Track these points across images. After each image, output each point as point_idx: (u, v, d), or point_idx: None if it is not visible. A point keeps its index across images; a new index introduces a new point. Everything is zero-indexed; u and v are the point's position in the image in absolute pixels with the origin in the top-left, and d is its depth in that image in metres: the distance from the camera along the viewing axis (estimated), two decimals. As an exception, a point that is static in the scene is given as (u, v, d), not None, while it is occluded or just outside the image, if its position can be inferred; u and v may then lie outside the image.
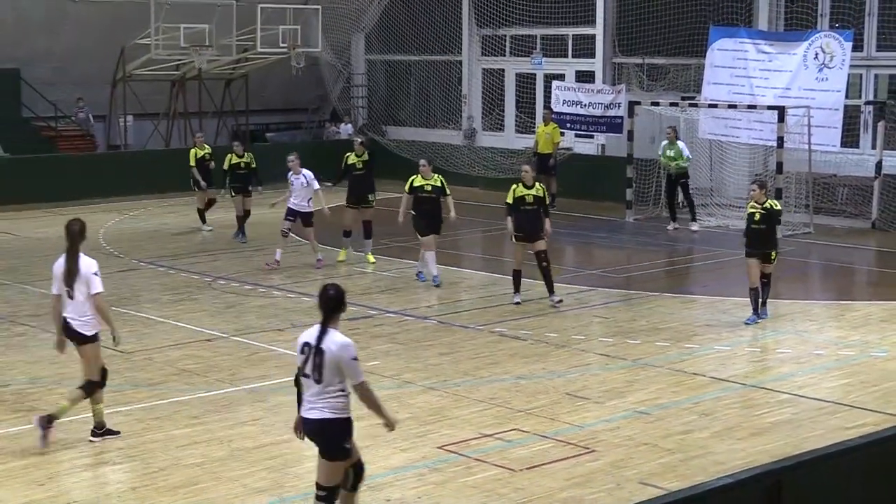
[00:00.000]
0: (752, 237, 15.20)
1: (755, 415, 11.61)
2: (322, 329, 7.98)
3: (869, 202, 23.27)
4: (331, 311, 8.01)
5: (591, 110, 26.80)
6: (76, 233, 10.65)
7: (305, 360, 8.00)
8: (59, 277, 10.59)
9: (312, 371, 7.96)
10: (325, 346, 7.93)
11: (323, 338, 7.94)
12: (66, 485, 9.81)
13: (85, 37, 29.12)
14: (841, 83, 22.85)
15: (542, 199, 16.29)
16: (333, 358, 7.93)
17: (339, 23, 32.04)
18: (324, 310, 8.01)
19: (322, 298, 8.05)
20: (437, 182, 17.49)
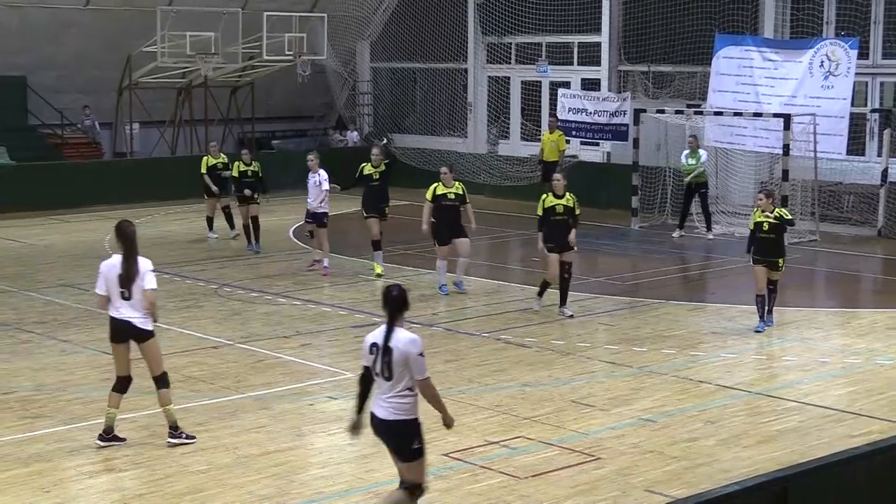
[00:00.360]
0: (760, 246, 15.08)
1: (761, 422, 11.59)
2: (388, 328, 8.22)
3: (875, 210, 23.25)
4: (395, 311, 8.27)
5: (597, 118, 26.81)
6: (132, 234, 10.72)
7: (375, 359, 8.25)
8: (109, 278, 10.66)
9: (382, 369, 8.22)
10: (393, 344, 8.18)
11: (390, 336, 8.18)
12: (72, 492, 9.81)
13: (91, 44, 29.18)
14: (847, 91, 22.84)
15: (573, 209, 15.97)
16: (401, 354, 8.18)
17: (344, 30, 32.10)
18: (389, 310, 8.27)
19: (387, 299, 8.30)
20: (458, 190, 17.29)
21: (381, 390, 8.29)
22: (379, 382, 8.29)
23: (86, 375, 13.24)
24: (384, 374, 8.21)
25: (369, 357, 8.30)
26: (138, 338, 10.73)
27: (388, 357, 8.18)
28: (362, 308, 16.69)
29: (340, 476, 10.13)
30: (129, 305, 10.62)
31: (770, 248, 15.08)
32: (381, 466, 10.31)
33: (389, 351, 8.17)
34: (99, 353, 14.18)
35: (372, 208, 18.79)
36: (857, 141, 23.73)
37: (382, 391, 8.28)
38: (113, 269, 10.68)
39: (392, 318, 8.26)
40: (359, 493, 9.72)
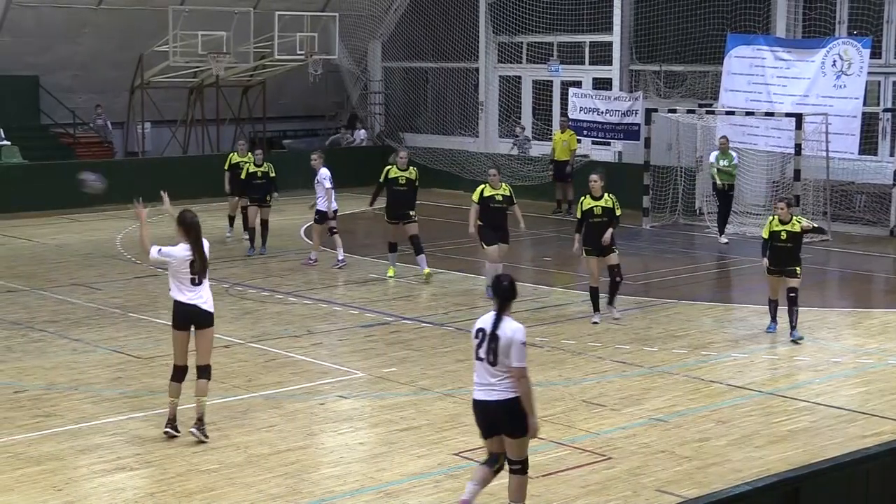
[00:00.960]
0: (776, 255, 14.68)
1: (773, 422, 11.57)
2: (497, 316, 8.59)
3: (887, 210, 23.19)
4: (505, 300, 8.66)
5: (608, 117, 26.79)
6: (198, 224, 11.07)
7: (479, 343, 8.62)
8: (177, 264, 10.90)
9: (487, 354, 8.57)
10: (501, 332, 8.55)
11: (498, 324, 8.56)
12: (83, 490, 9.84)
13: (103, 44, 29.25)
14: (859, 90, 22.79)
15: (612, 210, 15.64)
16: (507, 342, 8.54)
17: (356, 30, 32.12)
18: (499, 299, 8.66)
19: (498, 289, 8.73)
20: (506, 191, 16.81)
21: (485, 374, 8.64)
22: (483, 368, 8.64)
23: (97, 374, 13.27)
24: (489, 358, 8.58)
25: (474, 341, 8.68)
26: (203, 322, 10.91)
27: (494, 343, 8.55)
28: (373, 307, 16.70)
29: (351, 475, 10.14)
30: (197, 291, 10.88)
31: (786, 258, 14.71)
32: (392, 466, 10.33)
33: (496, 338, 8.55)
34: (111, 352, 14.23)
35: (394, 215, 18.56)
36: (869, 140, 23.68)
37: (487, 376, 8.63)
38: (182, 254, 10.90)
39: (501, 308, 8.63)
40: (369, 492, 9.72)
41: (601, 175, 16.00)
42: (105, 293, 17.75)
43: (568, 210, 26.23)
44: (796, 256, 14.85)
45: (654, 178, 25.08)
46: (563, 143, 26.47)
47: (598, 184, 15.71)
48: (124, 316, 16.17)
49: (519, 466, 8.87)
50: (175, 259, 10.93)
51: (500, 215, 16.80)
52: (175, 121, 30.85)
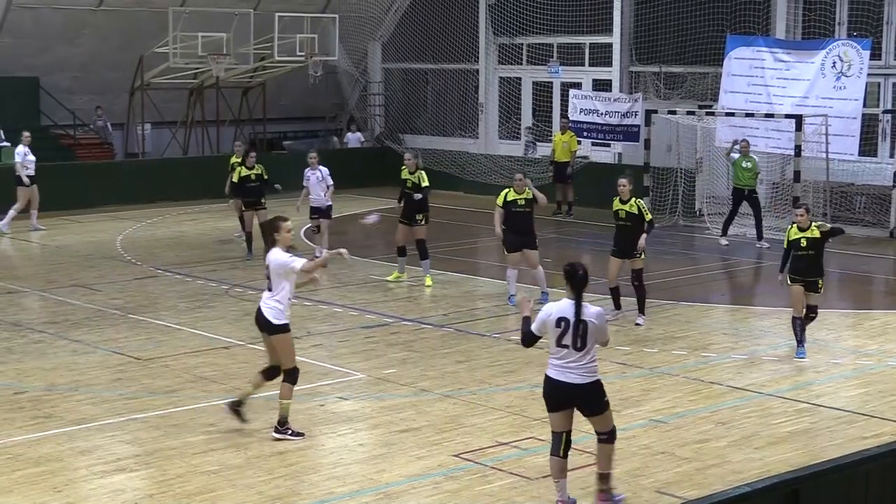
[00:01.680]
0: (797, 265, 14.03)
1: (772, 424, 11.57)
2: (577, 304, 9.07)
3: (887, 211, 23.19)
4: (582, 289, 9.12)
5: (608, 119, 26.80)
6: (270, 230, 11.16)
7: (563, 332, 9.08)
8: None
9: (574, 340, 9.07)
10: (587, 318, 9.08)
11: (581, 311, 9.05)
12: (83, 492, 9.84)
13: (104, 46, 29.26)
14: (859, 92, 22.79)
15: (639, 215, 15.47)
16: (595, 327, 9.10)
17: (356, 31, 32.13)
18: (577, 287, 9.12)
19: (574, 278, 9.14)
20: (529, 195, 16.62)
21: (569, 359, 9.12)
22: (567, 353, 9.10)
23: (97, 376, 13.28)
24: (576, 344, 9.08)
25: (555, 330, 9.11)
26: (265, 329, 11.04)
27: (582, 329, 9.05)
28: (373, 309, 16.70)
29: (351, 477, 10.14)
30: (266, 296, 11.05)
31: (809, 267, 14.02)
32: (392, 467, 10.33)
33: (584, 324, 9.06)
34: (111, 354, 14.23)
35: (402, 216, 18.44)
36: (869, 142, 23.68)
37: (572, 360, 9.11)
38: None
39: (579, 295, 9.10)
40: (369, 493, 9.72)
41: (629, 179, 15.93)
42: (105, 294, 17.75)
43: (568, 211, 26.23)
44: (819, 266, 14.11)
45: (654, 179, 25.07)
46: (563, 144, 26.47)
47: (625, 188, 15.65)
48: (124, 317, 16.17)
49: (606, 436, 9.42)
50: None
51: (522, 219, 16.66)
52: (175, 122, 30.86)
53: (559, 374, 9.18)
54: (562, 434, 9.32)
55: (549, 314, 9.18)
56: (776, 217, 23.59)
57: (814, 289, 14.12)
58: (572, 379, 9.13)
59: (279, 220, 11.18)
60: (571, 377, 9.14)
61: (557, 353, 9.16)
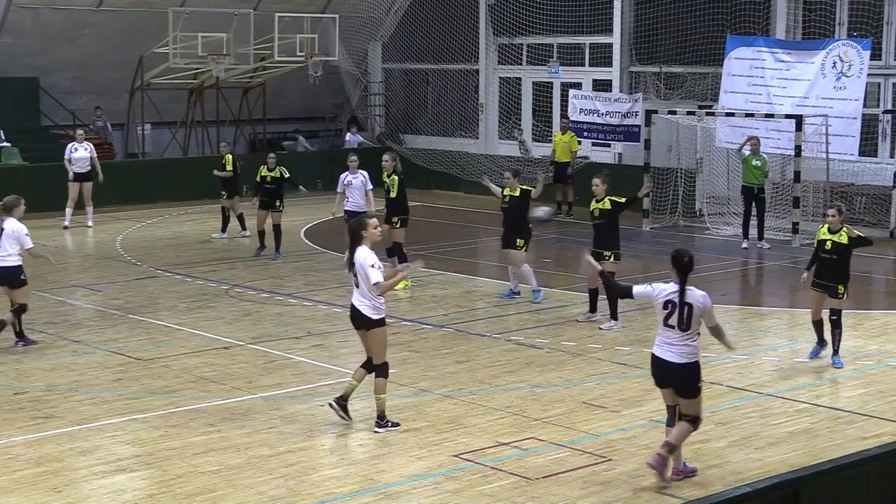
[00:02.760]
0: (821, 268, 13.59)
1: (773, 424, 11.56)
2: (682, 288, 9.70)
3: (887, 211, 23.18)
4: (687, 273, 9.74)
5: (608, 119, 26.79)
6: (358, 228, 11.30)
7: (670, 313, 9.73)
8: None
9: (679, 322, 9.71)
10: (692, 300, 9.70)
11: (685, 294, 9.68)
12: (83, 492, 9.83)
13: (104, 46, 29.26)
14: (859, 92, 22.78)
15: (612, 210, 15.62)
16: (700, 310, 9.72)
17: (356, 31, 32.12)
18: (682, 272, 9.74)
19: (680, 263, 9.77)
20: (515, 192, 16.77)
21: (672, 339, 9.79)
22: (672, 333, 9.78)
23: (97, 376, 13.28)
24: (681, 325, 9.72)
25: (663, 311, 9.77)
26: (363, 325, 11.22)
27: (687, 311, 9.69)
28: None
29: (351, 477, 10.14)
30: (357, 293, 11.20)
31: (829, 272, 13.51)
32: (392, 467, 10.34)
33: (689, 306, 9.69)
34: (111, 354, 14.23)
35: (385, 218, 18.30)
36: (869, 142, 23.67)
37: (673, 339, 9.78)
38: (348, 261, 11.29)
39: (684, 280, 9.71)
40: (369, 493, 9.72)
41: (603, 178, 16.00)
42: (105, 295, 17.75)
43: (568, 212, 26.23)
44: (842, 272, 13.51)
45: (654, 179, 25.06)
46: (563, 144, 26.47)
47: (599, 187, 15.77)
48: (124, 317, 16.17)
49: (690, 419, 9.96)
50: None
51: (506, 217, 16.90)
52: (175, 122, 30.85)
53: (662, 352, 9.88)
54: (674, 407, 10.04)
55: (659, 294, 9.86)
56: (776, 217, 23.58)
57: (834, 294, 13.56)
58: (672, 357, 9.80)
59: (366, 217, 11.51)
60: (671, 356, 9.81)
61: (664, 333, 9.86)
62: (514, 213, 16.83)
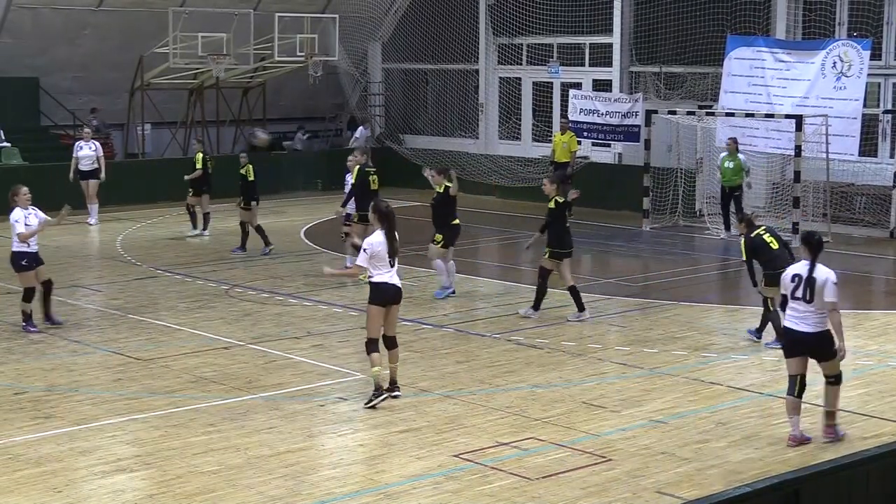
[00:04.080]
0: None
1: (772, 424, 11.56)
2: (812, 264, 10.72)
3: (887, 211, 23.19)
4: (817, 252, 10.82)
5: (608, 119, 26.78)
6: (393, 213, 12.19)
7: (796, 287, 10.74)
8: (376, 252, 11.97)
9: (804, 294, 10.68)
10: (816, 275, 10.69)
11: (813, 270, 10.70)
12: (83, 492, 9.83)
13: (103, 46, 29.26)
14: (859, 92, 22.78)
15: (556, 209, 16.13)
16: (822, 282, 10.63)
17: (356, 31, 32.12)
18: (813, 251, 10.81)
19: (811, 243, 10.88)
20: (440, 188, 17.17)
21: (801, 311, 10.72)
22: (798, 304, 10.73)
23: (97, 376, 13.28)
24: (805, 297, 10.67)
25: (790, 284, 10.78)
26: (399, 300, 12.21)
27: (812, 285, 10.65)
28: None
29: (351, 477, 10.14)
30: (395, 273, 12.12)
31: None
32: (391, 468, 10.34)
33: (814, 281, 10.65)
34: (111, 354, 14.23)
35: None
36: (869, 142, 23.67)
37: (803, 311, 10.71)
38: (380, 244, 11.99)
39: (814, 257, 10.75)
40: (369, 493, 9.72)
41: (550, 179, 16.56)
42: (105, 295, 17.75)
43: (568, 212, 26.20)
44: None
45: (654, 179, 25.09)
46: (563, 144, 26.47)
47: (546, 187, 16.28)
48: (124, 317, 16.17)
49: (833, 379, 10.92)
50: (373, 246, 11.99)
51: (432, 212, 17.41)
52: (175, 122, 30.85)
53: (794, 324, 10.79)
54: (796, 377, 10.80)
55: (787, 272, 10.93)
56: (776, 217, 23.59)
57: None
58: (804, 328, 10.70)
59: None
60: (804, 326, 10.71)
61: (793, 307, 10.79)
62: (434, 209, 17.31)
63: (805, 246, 10.93)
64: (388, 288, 12.07)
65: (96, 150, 24.86)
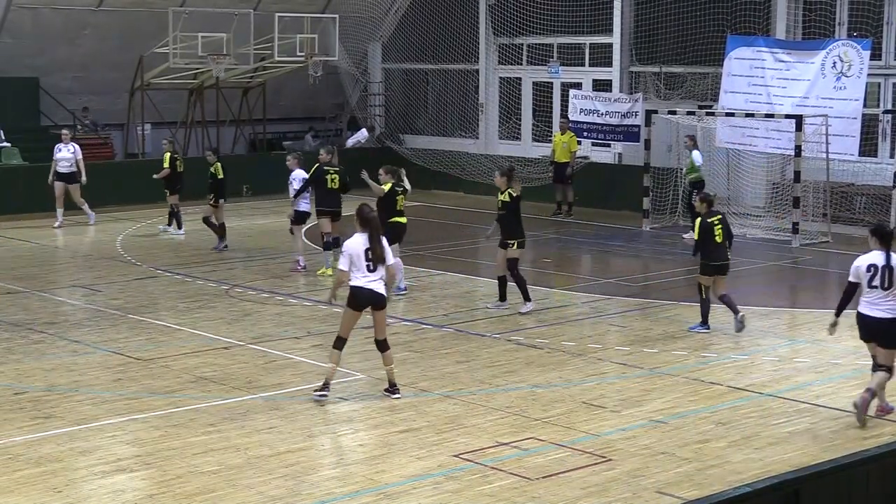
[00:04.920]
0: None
1: (773, 424, 11.57)
2: (887, 254, 11.36)
3: (887, 211, 23.15)
4: (890, 242, 11.46)
5: (608, 119, 26.79)
6: (376, 219, 12.29)
7: (873, 275, 11.36)
8: (357, 256, 12.02)
9: (882, 282, 11.34)
10: (894, 264, 11.32)
11: (890, 259, 11.34)
12: (83, 492, 9.83)
13: (103, 46, 29.25)
14: (859, 92, 22.78)
15: (510, 201, 16.31)
16: None
17: (356, 31, 32.12)
18: (886, 242, 11.44)
19: (883, 234, 11.53)
20: (387, 187, 17.36)
21: (877, 297, 11.39)
22: (874, 292, 11.38)
23: (97, 376, 13.28)
24: (884, 285, 11.33)
25: (866, 274, 11.41)
26: (378, 304, 12.12)
27: (889, 273, 11.29)
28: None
29: (351, 477, 10.14)
30: (374, 277, 12.06)
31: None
32: (391, 468, 10.33)
33: (891, 269, 11.30)
34: (111, 354, 14.23)
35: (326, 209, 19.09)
36: (869, 142, 23.66)
37: (879, 298, 11.39)
38: (361, 246, 12.05)
39: (888, 247, 11.41)
40: (369, 493, 9.72)
41: (500, 172, 16.68)
42: (105, 295, 17.75)
43: (568, 212, 26.24)
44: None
45: (654, 179, 25.08)
46: (563, 144, 26.47)
47: (497, 180, 16.52)
48: (124, 317, 16.17)
49: (887, 368, 11.50)
50: (352, 249, 12.07)
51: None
52: (175, 122, 30.84)
53: (869, 310, 11.45)
54: (874, 356, 11.60)
55: (860, 265, 11.46)
56: (776, 217, 23.60)
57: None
58: (878, 314, 11.38)
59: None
60: (878, 312, 11.38)
61: (868, 294, 11.41)
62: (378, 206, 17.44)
63: (877, 237, 11.53)
64: (363, 292, 12.03)
65: (75, 152, 24.47)
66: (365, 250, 12.00)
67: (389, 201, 17.19)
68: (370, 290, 12.03)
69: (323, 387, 12.17)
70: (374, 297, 12.07)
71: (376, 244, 12.04)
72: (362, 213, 12.20)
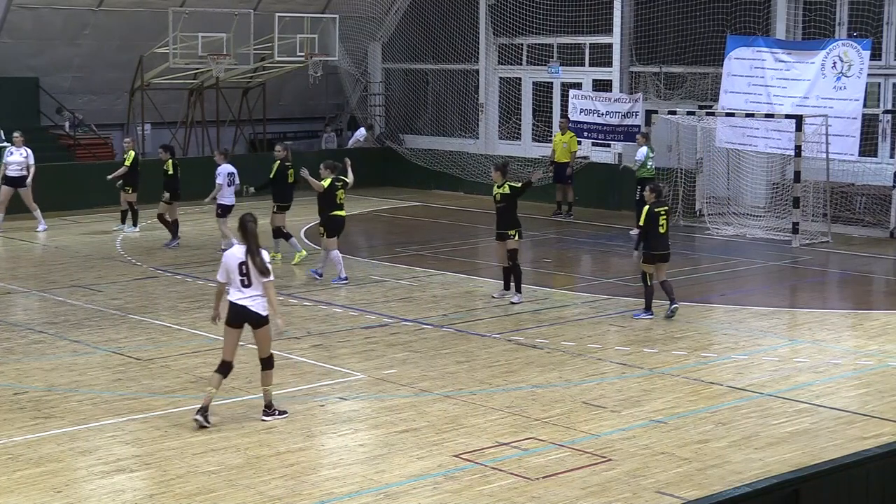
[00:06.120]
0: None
1: (773, 424, 11.57)
2: None
3: (887, 211, 23.18)
4: None
5: (608, 119, 26.79)
6: (255, 230, 11.58)
7: None
8: (231, 268, 11.44)
9: None
10: None
11: None
12: (83, 492, 9.83)
13: (103, 46, 29.25)
14: (859, 92, 22.78)
15: (510, 193, 16.95)
16: None
17: (356, 31, 32.12)
18: None
19: None
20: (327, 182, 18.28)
21: None
22: None
23: (97, 376, 13.28)
24: None
25: None
26: (252, 321, 11.48)
27: None
28: (373, 309, 16.70)
29: (351, 477, 10.14)
30: (249, 291, 11.43)
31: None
32: (392, 468, 10.34)
33: None
34: (111, 354, 14.23)
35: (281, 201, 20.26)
36: (869, 142, 23.67)
37: None
38: (235, 258, 11.46)
39: None
40: (369, 493, 9.72)
41: (495, 166, 17.43)
42: (105, 295, 17.75)
43: (568, 212, 26.24)
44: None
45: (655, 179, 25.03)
46: (563, 144, 26.47)
47: (494, 174, 17.21)
48: (124, 318, 16.17)
49: None
50: (228, 260, 11.53)
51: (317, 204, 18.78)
52: (175, 122, 30.85)
53: None
54: None
55: None
56: (776, 217, 23.60)
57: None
58: None
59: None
60: None
61: None
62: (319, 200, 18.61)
63: None
64: (235, 308, 11.44)
65: (27, 156, 23.97)
66: (239, 264, 11.38)
67: (329, 196, 18.29)
68: (243, 306, 11.38)
69: (201, 410, 11.37)
70: (248, 315, 11.42)
71: (255, 257, 11.37)
72: (243, 223, 11.56)
